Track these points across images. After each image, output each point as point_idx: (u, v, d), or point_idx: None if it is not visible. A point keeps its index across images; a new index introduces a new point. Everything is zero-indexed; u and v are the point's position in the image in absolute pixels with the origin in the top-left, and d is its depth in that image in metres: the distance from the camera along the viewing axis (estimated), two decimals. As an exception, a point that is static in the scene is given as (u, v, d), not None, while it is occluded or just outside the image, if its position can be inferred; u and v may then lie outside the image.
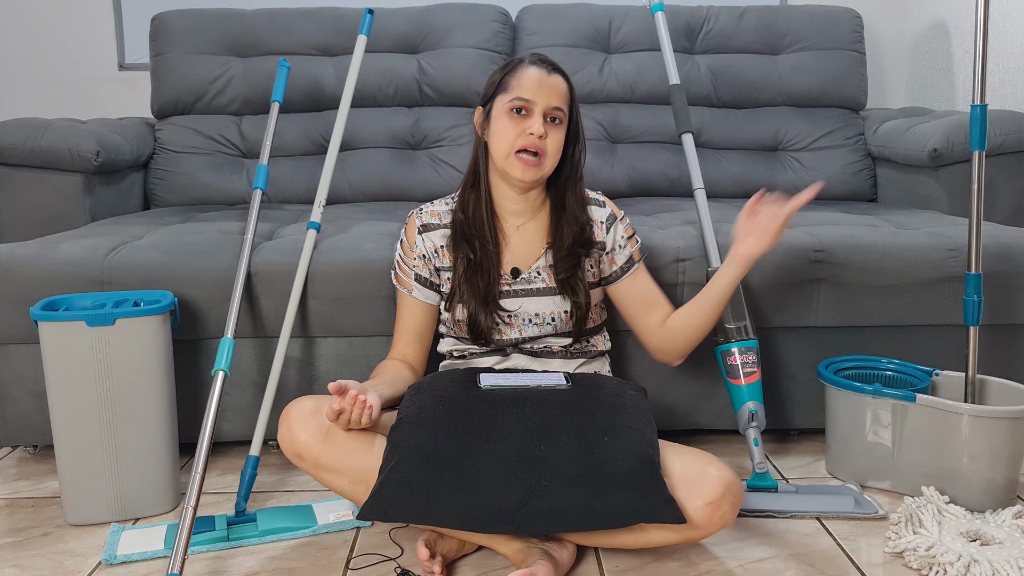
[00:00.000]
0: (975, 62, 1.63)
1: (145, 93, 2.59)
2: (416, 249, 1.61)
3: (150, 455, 1.60)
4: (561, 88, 1.52)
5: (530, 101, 1.49)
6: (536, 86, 1.50)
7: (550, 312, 1.56)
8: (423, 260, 1.60)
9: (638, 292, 1.63)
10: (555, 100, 1.51)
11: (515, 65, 1.54)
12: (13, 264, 1.73)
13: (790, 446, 1.94)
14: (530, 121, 1.49)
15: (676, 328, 1.61)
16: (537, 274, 1.57)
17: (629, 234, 1.63)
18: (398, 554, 1.46)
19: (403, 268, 1.63)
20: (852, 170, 2.52)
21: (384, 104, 2.55)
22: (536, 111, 1.50)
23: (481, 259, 1.55)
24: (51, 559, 1.46)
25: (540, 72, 1.51)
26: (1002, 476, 1.59)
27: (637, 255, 1.64)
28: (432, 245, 1.59)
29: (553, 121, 1.51)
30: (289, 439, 1.40)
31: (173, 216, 2.20)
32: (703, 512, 1.32)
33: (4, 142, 2.15)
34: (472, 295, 1.54)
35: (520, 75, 1.51)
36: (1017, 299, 1.84)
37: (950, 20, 2.70)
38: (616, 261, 1.61)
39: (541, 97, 1.50)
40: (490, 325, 1.55)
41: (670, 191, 2.49)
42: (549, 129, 1.51)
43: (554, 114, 1.51)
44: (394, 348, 1.63)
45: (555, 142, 1.52)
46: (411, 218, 1.64)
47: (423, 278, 1.60)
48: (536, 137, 1.48)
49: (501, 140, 1.51)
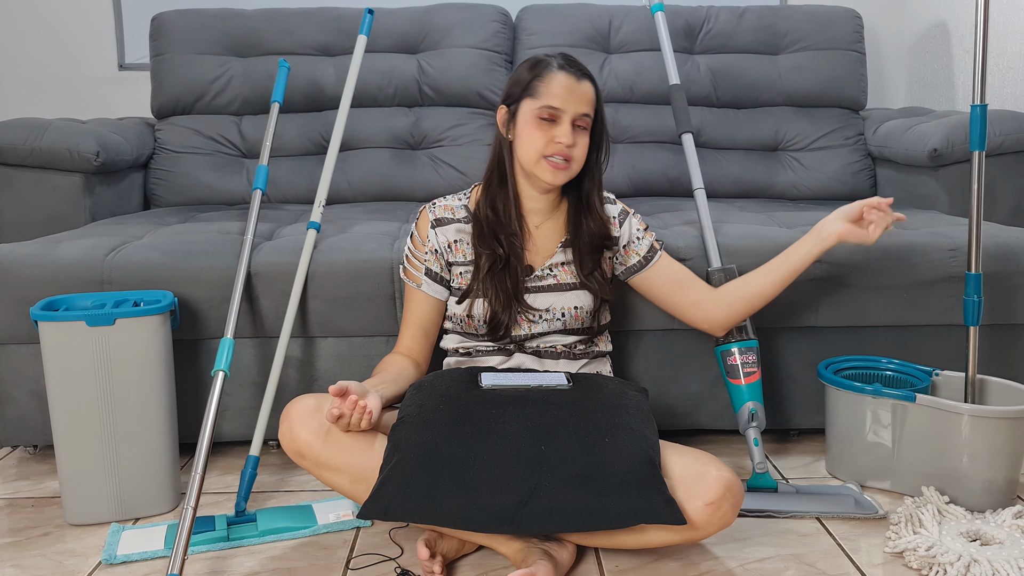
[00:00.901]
0: (975, 62, 1.63)
1: (145, 93, 2.59)
2: (428, 243, 1.60)
3: (150, 455, 1.60)
4: (590, 94, 1.52)
5: (559, 109, 1.49)
6: (566, 94, 1.49)
7: (561, 308, 1.57)
8: (435, 255, 1.59)
9: (670, 274, 1.64)
10: (584, 107, 1.50)
11: (544, 69, 1.52)
12: (13, 264, 1.73)
13: (790, 446, 1.94)
14: (559, 130, 1.49)
15: (736, 295, 1.63)
16: (549, 271, 1.58)
17: (644, 227, 1.65)
18: (398, 554, 1.46)
19: (413, 262, 1.62)
20: (852, 170, 2.52)
21: (384, 104, 2.55)
22: (565, 119, 1.49)
23: (509, 256, 1.55)
24: (51, 559, 1.46)
25: (570, 79, 1.50)
26: (1002, 476, 1.59)
27: (657, 243, 1.65)
28: (445, 240, 1.59)
29: (580, 128, 1.51)
30: (290, 438, 1.40)
31: (173, 216, 2.20)
32: (703, 513, 1.32)
33: (4, 142, 2.15)
34: (499, 291, 1.54)
35: (550, 81, 1.50)
36: (1017, 299, 1.84)
37: (950, 20, 2.70)
38: (638, 252, 1.62)
39: (571, 105, 1.49)
40: (511, 322, 1.55)
41: (670, 191, 2.49)
42: (577, 135, 1.51)
43: (582, 121, 1.51)
44: (399, 343, 1.63)
45: (583, 147, 1.52)
46: (423, 212, 1.63)
47: (434, 272, 1.60)
48: (564, 146, 1.49)
49: (529, 146, 1.51)
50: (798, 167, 2.53)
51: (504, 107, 1.56)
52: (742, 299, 1.63)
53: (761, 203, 2.37)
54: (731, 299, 1.63)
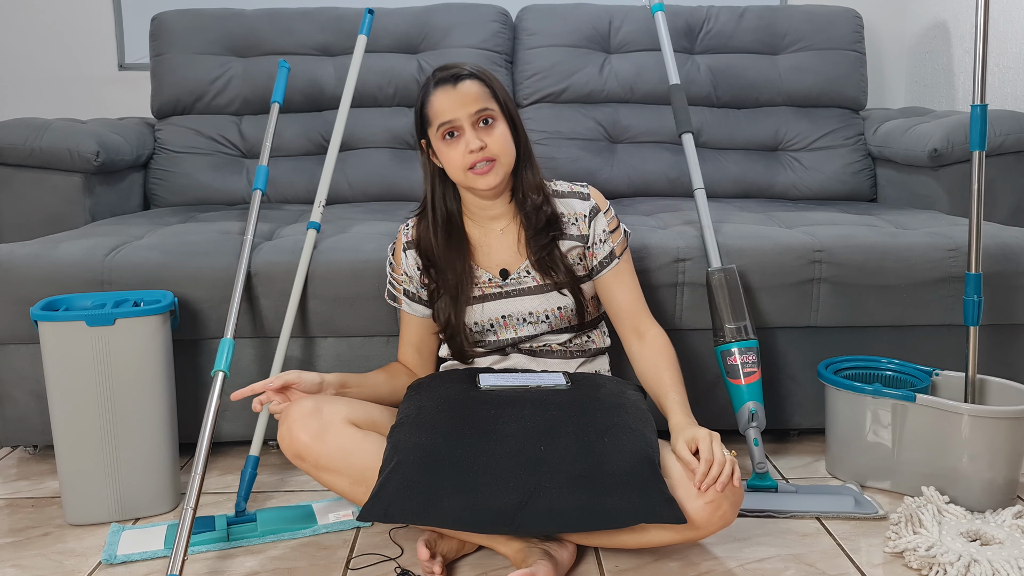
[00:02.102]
0: (975, 62, 1.62)
1: (145, 93, 2.59)
2: (402, 266, 1.61)
3: (150, 455, 1.60)
4: (474, 91, 1.48)
5: (451, 121, 1.47)
6: (449, 104, 1.47)
7: (543, 310, 1.56)
8: (407, 277, 1.61)
9: (613, 292, 1.58)
10: (474, 105, 1.47)
11: (425, 93, 1.50)
12: (13, 264, 1.73)
13: (790, 446, 1.94)
14: (464, 139, 1.47)
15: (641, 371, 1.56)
16: (526, 273, 1.57)
17: (612, 228, 1.59)
18: (398, 554, 1.46)
19: (394, 284, 1.64)
20: (852, 170, 2.52)
21: (384, 104, 2.55)
22: (464, 125, 1.47)
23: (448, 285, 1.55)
24: (51, 559, 1.46)
25: (446, 89, 1.47)
26: (1002, 476, 1.59)
27: (620, 249, 1.58)
28: (415, 263, 1.60)
29: (486, 122, 1.48)
30: (289, 439, 1.40)
31: (173, 216, 2.20)
32: (703, 512, 1.32)
33: (4, 142, 2.15)
34: (440, 315, 1.57)
35: (432, 102, 1.48)
36: (1017, 299, 1.84)
37: (950, 20, 2.70)
38: (596, 255, 1.58)
39: (460, 110, 1.46)
40: (462, 346, 1.57)
41: (670, 191, 2.49)
42: (485, 131, 1.48)
43: (482, 116, 1.48)
44: (400, 355, 1.67)
45: (498, 139, 1.48)
46: (399, 234, 1.63)
47: (411, 293, 1.61)
48: (478, 151, 1.46)
49: (452, 167, 1.50)
50: (798, 167, 2.53)
51: (422, 143, 1.56)
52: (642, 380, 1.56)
53: (761, 203, 2.37)
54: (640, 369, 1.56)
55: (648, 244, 1.80)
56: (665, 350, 1.54)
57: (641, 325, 1.58)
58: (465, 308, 1.55)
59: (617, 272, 1.58)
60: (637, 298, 1.60)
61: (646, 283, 1.71)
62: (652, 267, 1.79)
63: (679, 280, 1.80)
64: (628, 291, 1.59)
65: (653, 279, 1.79)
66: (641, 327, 1.57)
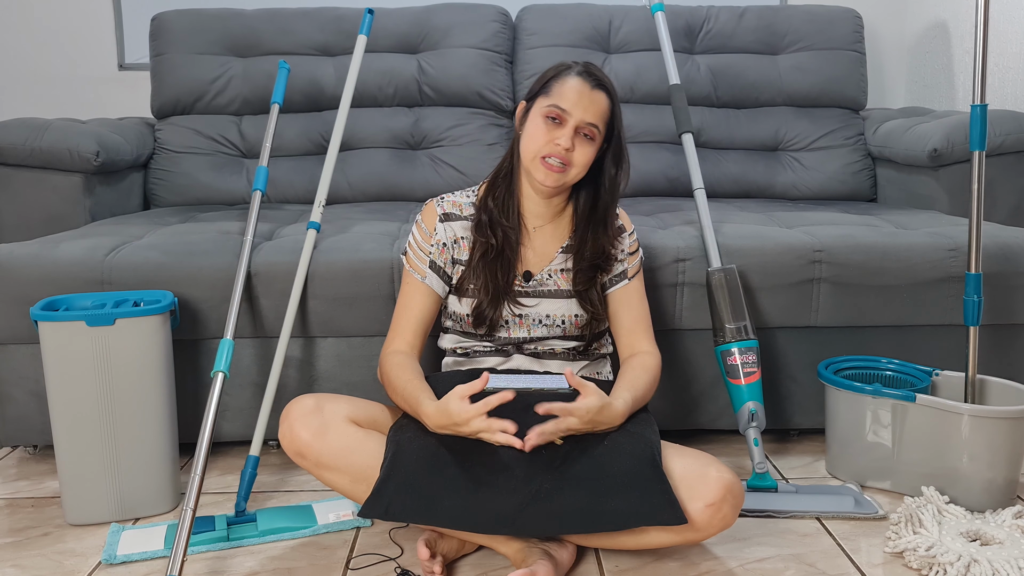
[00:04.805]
0: (975, 62, 1.63)
1: (145, 93, 2.59)
2: (436, 236, 1.57)
3: (150, 455, 1.60)
4: (601, 105, 1.48)
5: (565, 112, 1.46)
6: (576, 97, 1.46)
7: (561, 315, 1.56)
8: (442, 248, 1.56)
9: (617, 310, 1.58)
10: (591, 116, 1.47)
11: (562, 71, 1.50)
12: (13, 264, 1.73)
13: (790, 446, 1.94)
14: (561, 132, 1.46)
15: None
16: (549, 276, 1.56)
17: (632, 250, 1.60)
18: (398, 554, 1.46)
19: (418, 253, 1.57)
20: (852, 170, 2.52)
21: (384, 104, 2.55)
22: (570, 123, 1.46)
23: (503, 247, 1.53)
24: (51, 559, 1.46)
25: (583, 85, 1.47)
26: (1002, 476, 1.59)
27: (632, 271, 1.59)
28: (453, 235, 1.56)
29: (585, 136, 1.48)
30: (290, 438, 1.40)
31: (173, 216, 2.20)
32: (704, 514, 1.32)
33: (4, 142, 2.15)
34: (488, 281, 1.52)
35: (563, 83, 1.48)
36: (1017, 299, 1.84)
37: (950, 20, 2.70)
38: (612, 271, 1.58)
39: (578, 110, 1.46)
40: (497, 315, 1.53)
41: (670, 191, 2.49)
42: (578, 143, 1.47)
43: (587, 130, 1.47)
44: (400, 339, 1.54)
45: (582, 156, 1.48)
46: (430, 204, 1.59)
47: (437, 266, 1.56)
48: (562, 149, 1.46)
49: (530, 142, 1.49)
50: (798, 167, 2.53)
51: (524, 102, 1.55)
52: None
53: (761, 203, 2.37)
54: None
55: (648, 244, 1.80)
56: (651, 369, 1.53)
57: (637, 344, 1.57)
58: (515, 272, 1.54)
59: (626, 291, 1.58)
60: (640, 319, 1.59)
61: (646, 283, 1.70)
62: (652, 267, 1.79)
63: (679, 280, 1.81)
64: (632, 312, 1.58)
65: (653, 279, 1.79)
66: (637, 346, 1.57)
